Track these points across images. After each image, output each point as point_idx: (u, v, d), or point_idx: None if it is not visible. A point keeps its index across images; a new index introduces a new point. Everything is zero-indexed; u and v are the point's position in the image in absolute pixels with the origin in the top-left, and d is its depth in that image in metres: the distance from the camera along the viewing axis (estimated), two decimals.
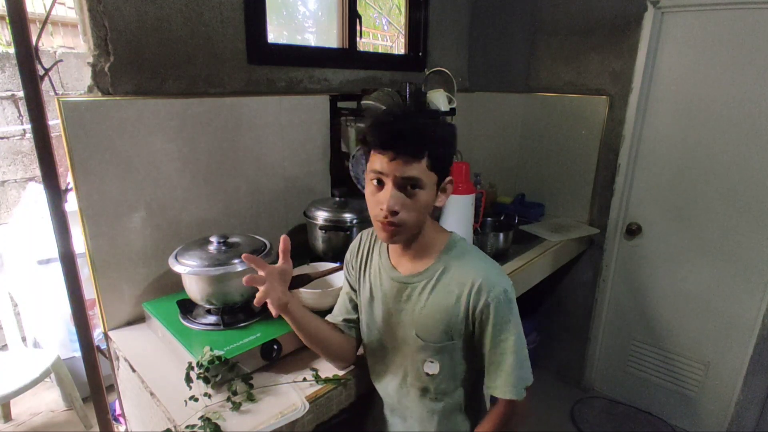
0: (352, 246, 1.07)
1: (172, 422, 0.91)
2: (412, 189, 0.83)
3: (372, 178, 0.85)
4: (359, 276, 1.03)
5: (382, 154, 0.81)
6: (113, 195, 1.16)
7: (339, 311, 1.08)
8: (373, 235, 1.04)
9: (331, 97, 1.62)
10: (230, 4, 1.36)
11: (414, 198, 0.83)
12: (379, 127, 0.83)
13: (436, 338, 0.90)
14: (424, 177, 0.82)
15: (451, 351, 0.92)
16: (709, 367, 1.99)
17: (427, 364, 0.93)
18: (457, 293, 0.88)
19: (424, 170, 0.82)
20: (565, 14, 2.08)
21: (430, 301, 0.90)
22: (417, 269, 0.93)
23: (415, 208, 0.84)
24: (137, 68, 1.21)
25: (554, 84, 2.19)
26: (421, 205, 0.84)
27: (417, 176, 0.82)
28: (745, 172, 1.76)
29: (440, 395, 0.95)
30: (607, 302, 2.24)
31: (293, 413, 0.93)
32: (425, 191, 0.84)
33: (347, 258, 1.08)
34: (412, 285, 0.92)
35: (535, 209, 2.28)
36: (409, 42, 2.11)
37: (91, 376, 1.20)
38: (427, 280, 0.91)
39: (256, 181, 1.46)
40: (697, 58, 1.79)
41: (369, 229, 1.06)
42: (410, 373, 0.96)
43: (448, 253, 0.92)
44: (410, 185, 0.82)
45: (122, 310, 1.25)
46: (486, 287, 0.86)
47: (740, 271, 1.84)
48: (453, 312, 0.88)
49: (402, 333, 0.95)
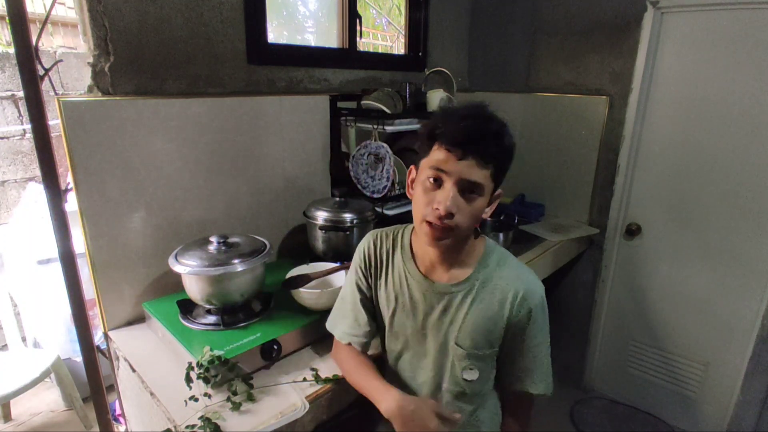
0: (365, 251, 0.98)
1: (172, 422, 0.91)
2: (470, 194, 0.80)
3: (430, 175, 0.80)
4: (375, 283, 0.98)
5: (451, 151, 0.77)
6: (113, 195, 1.16)
7: (352, 329, 0.98)
8: (390, 238, 0.98)
9: (331, 97, 1.62)
10: (230, 4, 1.36)
11: (471, 203, 0.80)
12: (456, 122, 0.78)
13: (478, 347, 0.89)
14: (486, 184, 0.80)
15: (491, 357, 0.92)
16: (709, 367, 1.99)
17: (467, 371, 0.91)
18: (499, 302, 0.88)
19: (488, 178, 0.79)
20: (565, 14, 2.08)
21: (473, 312, 0.88)
22: (455, 279, 0.89)
23: (471, 214, 0.80)
24: (137, 68, 1.21)
25: (554, 84, 2.19)
26: (476, 211, 0.81)
27: (480, 182, 0.78)
28: (745, 172, 1.76)
29: (475, 397, 0.95)
30: (607, 302, 2.24)
31: (293, 413, 0.93)
32: (483, 199, 0.81)
33: (358, 264, 0.99)
34: (450, 295, 0.89)
35: (535, 209, 2.28)
36: (409, 42, 2.11)
37: (91, 376, 1.20)
38: (467, 290, 0.88)
39: (256, 181, 1.46)
40: (697, 58, 1.79)
41: (379, 231, 1.00)
42: (447, 380, 0.94)
43: (486, 261, 0.90)
44: (470, 190, 0.79)
45: (122, 310, 1.25)
46: (529, 296, 0.87)
47: (740, 271, 1.84)
48: (496, 321, 0.88)
49: (438, 343, 0.92)
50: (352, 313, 0.99)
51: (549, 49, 2.17)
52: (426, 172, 0.81)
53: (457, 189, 0.79)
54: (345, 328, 1.00)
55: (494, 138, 0.78)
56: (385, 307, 0.98)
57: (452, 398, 0.95)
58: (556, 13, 2.11)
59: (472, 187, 0.79)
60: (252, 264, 1.11)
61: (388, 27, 3.31)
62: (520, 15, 2.22)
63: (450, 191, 0.78)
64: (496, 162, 0.79)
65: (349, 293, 1.01)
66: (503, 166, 0.81)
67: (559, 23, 2.11)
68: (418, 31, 2.08)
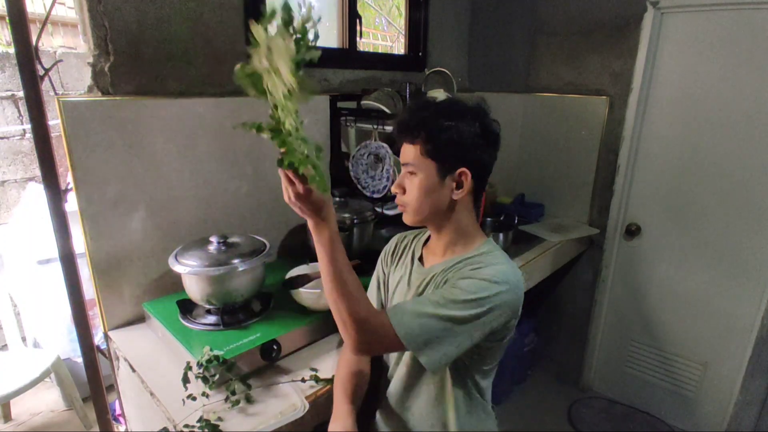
0: (389, 245, 1.09)
1: (171, 422, 0.91)
2: (410, 175, 0.88)
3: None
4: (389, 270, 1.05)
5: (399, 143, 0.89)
6: (113, 195, 1.16)
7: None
8: (413, 235, 1.07)
9: (331, 97, 1.62)
10: (230, 4, 1.36)
11: (411, 182, 0.88)
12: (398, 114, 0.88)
13: None
14: (417, 162, 0.86)
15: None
16: (708, 367, 1.99)
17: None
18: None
19: (418, 155, 0.86)
20: (565, 15, 2.08)
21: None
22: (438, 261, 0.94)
23: (411, 191, 0.88)
24: (137, 68, 1.21)
25: (554, 84, 2.19)
26: (415, 189, 0.87)
27: (409, 161, 0.87)
28: (745, 172, 1.76)
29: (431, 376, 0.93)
30: (607, 302, 2.24)
31: (293, 413, 0.93)
32: (421, 176, 0.87)
33: (381, 257, 1.10)
34: (431, 276, 0.92)
35: (535, 209, 2.28)
36: (409, 42, 2.11)
37: (91, 376, 1.20)
38: (444, 268, 0.91)
39: (256, 181, 1.46)
40: (696, 58, 1.79)
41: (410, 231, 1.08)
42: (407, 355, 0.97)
43: (477, 252, 0.91)
44: (409, 171, 0.88)
45: (122, 310, 1.25)
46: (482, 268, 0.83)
47: (739, 272, 1.84)
48: None
49: None
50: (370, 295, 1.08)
51: (549, 49, 2.17)
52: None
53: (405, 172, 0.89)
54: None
55: (415, 115, 0.86)
56: (391, 292, 1.03)
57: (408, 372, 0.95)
58: (556, 13, 2.11)
59: (409, 168, 0.88)
60: (252, 264, 1.11)
61: (388, 27, 3.31)
62: (520, 15, 2.22)
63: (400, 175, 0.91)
64: (422, 139, 0.85)
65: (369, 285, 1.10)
66: (436, 142, 0.85)
67: (559, 23, 2.11)
68: (418, 31, 2.08)
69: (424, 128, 0.85)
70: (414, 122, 0.86)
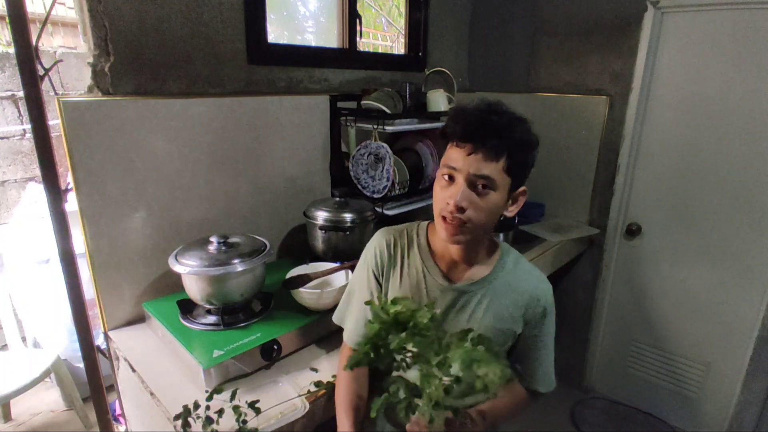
0: (378, 249, 0.95)
1: (172, 422, 0.91)
2: (483, 189, 0.80)
3: (444, 173, 0.82)
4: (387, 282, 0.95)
5: (460, 147, 0.79)
6: (113, 195, 1.16)
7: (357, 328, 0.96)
8: (405, 236, 0.96)
9: (331, 97, 1.62)
10: (230, 4, 1.36)
11: (484, 198, 0.80)
12: (462, 117, 0.80)
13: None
14: (498, 178, 0.80)
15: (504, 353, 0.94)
16: (710, 368, 1.99)
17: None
18: (514, 302, 0.91)
19: (500, 171, 0.79)
20: (565, 14, 2.08)
21: (490, 311, 0.90)
22: (474, 277, 0.91)
23: (484, 208, 0.81)
24: (137, 68, 1.21)
25: (554, 84, 2.19)
26: (490, 206, 0.81)
27: (490, 175, 0.79)
28: (745, 172, 1.76)
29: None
30: (607, 303, 2.24)
31: (293, 413, 0.93)
32: (497, 193, 0.81)
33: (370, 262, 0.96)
34: (469, 294, 0.90)
35: (535, 209, 2.28)
36: (409, 42, 2.11)
37: (91, 376, 1.20)
38: (485, 290, 0.90)
39: (256, 181, 1.46)
40: (697, 58, 1.79)
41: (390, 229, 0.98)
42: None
43: (504, 262, 0.92)
44: (482, 184, 0.80)
45: (122, 310, 1.25)
46: (542, 297, 0.92)
47: (740, 271, 1.84)
48: (510, 320, 0.91)
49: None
50: (360, 312, 0.96)
51: (549, 49, 2.17)
52: (441, 170, 0.83)
53: (467, 184, 0.80)
54: (351, 326, 0.98)
55: (503, 130, 0.78)
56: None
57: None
58: (557, 13, 2.11)
59: (483, 182, 0.79)
60: (252, 264, 1.11)
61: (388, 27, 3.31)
62: (520, 15, 2.22)
63: (461, 186, 0.80)
64: (508, 153, 0.79)
65: (357, 290, 0.98)
66: (518, 160, 0.80)
67: (560, 23, 2.11)
68: (418, 31, 2.08)
69: (514, 143, 0.79)
70: (501, 133, 0.78)
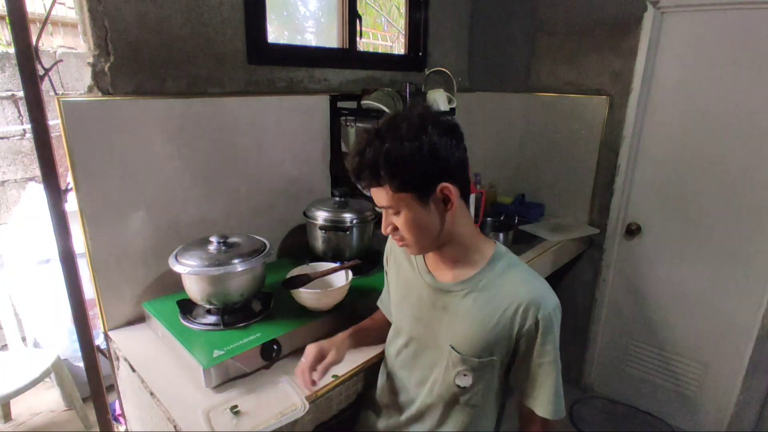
0: (387, 246, 1.10)
1: (172, 422, 0.91)
2: (394, 214, 0.83)
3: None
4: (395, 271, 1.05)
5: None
6: (113, 195, 1.16)
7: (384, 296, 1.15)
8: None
9: (331, 97, 1.62)
10: (230, 4, 1.36)
11: (399, 220, 0.83)
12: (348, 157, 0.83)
13: (474, 353, 0.87)
14: (393, 202, 0.81)
15: (490, 366, 0.89)
16: (709, 367, 1.99)
17: (460, 377, 0.89)
18: (503, 309, 0.85)
19: (391, 196, 0.80)
20: (565, 14, 2.08)
21: (472, 315, 0.87)
22: (457, 278, 0.89)
23: (406, 227, 0.83)
24: (137, 68, 1.21)
25: (554, 84, 2.19)
26: (409, 224, 0.82)
27: (387, 204, 0.82)
28: (745, 172, 1.76)
29: (469, 407, 0.93)
30: (607, 302, 2.24)
31: (293, 413, 0.93)
32: (407, 211, 0.81)
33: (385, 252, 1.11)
34: (451, 294, 0.89)
35: (535, 209, 2.28)
36: (409, 42, 2.11)
37: (91, 376, 1.20)
38: (468, 291, 0.87)
39: (256, 181, 1.46)
40: (697, 58, 1.79)
41: None
42: (439, 383, 0.92)
43: (493, 265, 0.88)
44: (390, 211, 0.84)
45: (122, 310, 1.25)
46: (535, 306, 0.83)
47: (740, 271, 1.84)
48: (498, 328, 0.85)
49: (434, 342, 0.92)
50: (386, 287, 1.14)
51: (549, 49, 2.17)
52: None
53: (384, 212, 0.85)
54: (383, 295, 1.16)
55: (373, 163, 0.77)
56: (395, 299, 1.01)
57: (444, 406, 0.94)
58: (556, 13, 2.11)
59: (387, 209, 0.84)
60: (252, 264, 1.11)
61: (388, 27, 3.31)
62: (520, 15, 2.22)
63: (384, 215, 0.86)
64: (384, 176, 0.78)
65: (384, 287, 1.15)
66: (406, 177, 0.78)
67: (559, 23, 2.11)
68: (418, 31, 2.08)
69: (383, 167, 0.76)
70: (369, 164, 0.77)
